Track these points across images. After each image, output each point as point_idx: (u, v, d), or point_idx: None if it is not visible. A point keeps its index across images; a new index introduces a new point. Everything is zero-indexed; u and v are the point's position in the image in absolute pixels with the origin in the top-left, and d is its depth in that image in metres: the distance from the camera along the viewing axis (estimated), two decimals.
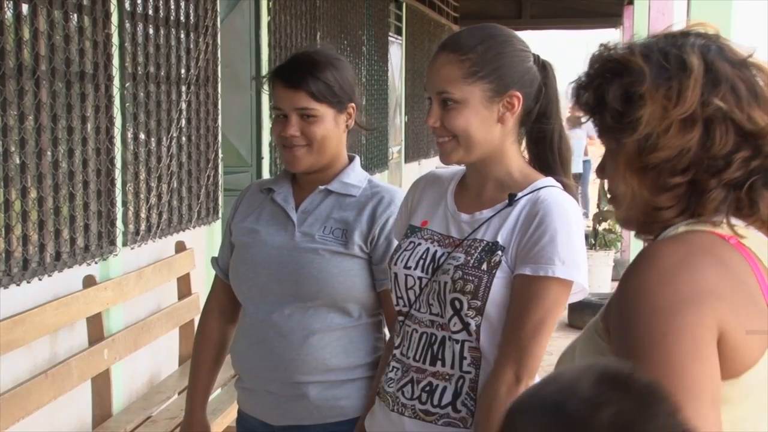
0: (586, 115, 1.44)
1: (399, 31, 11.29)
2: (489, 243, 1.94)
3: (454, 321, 1.94)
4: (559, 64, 2.12)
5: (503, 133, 1.97)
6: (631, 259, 1.45)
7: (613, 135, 1.40)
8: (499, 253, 1.92)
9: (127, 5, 4.49)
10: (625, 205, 1.41)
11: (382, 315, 2.36)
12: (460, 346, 1.94)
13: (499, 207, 1.97)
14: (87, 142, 4.11)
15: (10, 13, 3.59)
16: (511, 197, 1.95)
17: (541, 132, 2.02)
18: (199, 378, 2.51)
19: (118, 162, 4.41)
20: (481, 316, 1.91)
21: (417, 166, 11.88)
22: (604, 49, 1.43)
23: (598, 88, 1.40)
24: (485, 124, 1.95)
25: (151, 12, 4.78)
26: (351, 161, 2.39)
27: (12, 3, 3.60)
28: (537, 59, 2.01)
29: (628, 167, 1.38)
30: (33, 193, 3.72)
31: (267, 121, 6.42)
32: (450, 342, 1.95)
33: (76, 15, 4.05)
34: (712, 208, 1.36)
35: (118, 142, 4.41)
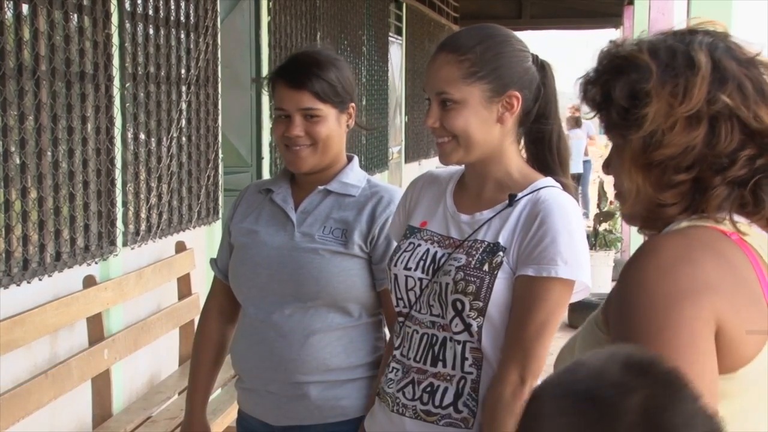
0: (593, 111, 1.45)
1: (399, 31, 11.29)
2: (490, 244, 1.93)
3: (456, 322, 1.93)
4: (559, 64, 2.12)
5: (502, 133, 1.97)
6: None
7: (618, 131, 1.41)
8: (500, 254, 1.92)
9: (127, 5, 4.49)
10: (630, 201, 1.42)
11: (382, 314, 2.35)
12: (462, 347, 1.94)
13: (499, 207, 1.96)
14: (87, 142, 4.11)
15: (10, 13, 3.59)
16: (512, 198, 1.95)
17: (540, 132, 2.02)
18: (199, 379, 2.51)
19: (118, 162, 4.41)
20: (483, 317, 1.91)
21: (417, 166, 11.87)
22: (613, 46, 1.43)
23: (605, 85, 1.41)
24: (484, 125, 1.94)
25: (151, 12, 4.78)
26: (349, 161, 2.39)
27: (12, 3, 3.60)
28: (535, 59, 2.01)
29: (633, 163, 1.39)
30: (33, 193, 3.72)
31: (267, 121, 6.42)
32: (451, 343, 1.95)
33: (76, 15, 4.05)
34: (716, 205, 1.36)
35: (118, 142, 4.40)
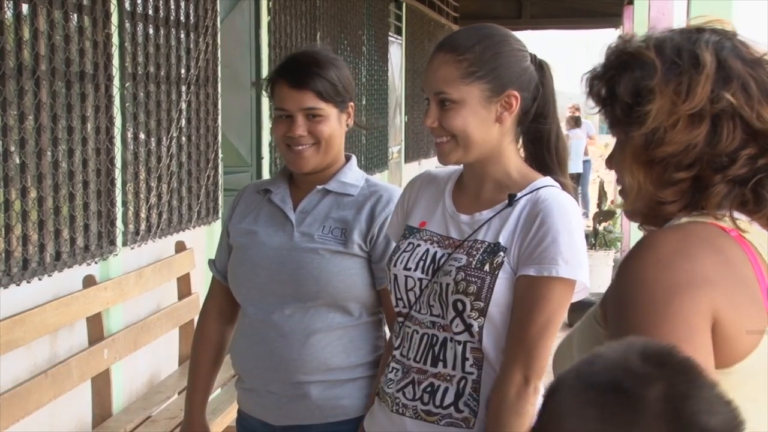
0: (598, 106, 1.45)
1: (399, 31, 11.29)
2: (490, 244, 1.93)
3: (456, 322, 1.93)
4: (559, 64, 2.12)
5: (501, 132, 1.97)
6: None
7: (622, 127, 1.41)
8: (501, 254, 1.91)
9: (127, 5, 4.49)
10: (632, 197, 1.43)
11: (382, 313, 2.35)
12: (462, 347, 1.93)
13: (498, 207, 1.96)
14: (87, 142, 4.11)
15: (10, 13, 3.59)
16: (511, 198, 1.95)
17: (538, 132, 2.02)
18: (198, 379, 2.51)
19: (118, 162, 4.41)
20: (483, 317, 1.91)
21: (417, 166, 11.87)
22: (621, 41, 1.44)
23: (610, 80, 1.42)
24: (483, 124, 1.94)
25: (151, 12, 4.78)
26: (347, 161, 2.39)
27: (12, 3, 3.60)
28: (534, 59, 2.00)
29: (635, 160, 1.39)
30: (33, 193, 3.72)
31: (267, 121, 6.42)
32: (452, 343, 1.94)
33: (76, 15, 4.05)
34: (716, 203, 1.37)
35: (118, 142, 4.41)
